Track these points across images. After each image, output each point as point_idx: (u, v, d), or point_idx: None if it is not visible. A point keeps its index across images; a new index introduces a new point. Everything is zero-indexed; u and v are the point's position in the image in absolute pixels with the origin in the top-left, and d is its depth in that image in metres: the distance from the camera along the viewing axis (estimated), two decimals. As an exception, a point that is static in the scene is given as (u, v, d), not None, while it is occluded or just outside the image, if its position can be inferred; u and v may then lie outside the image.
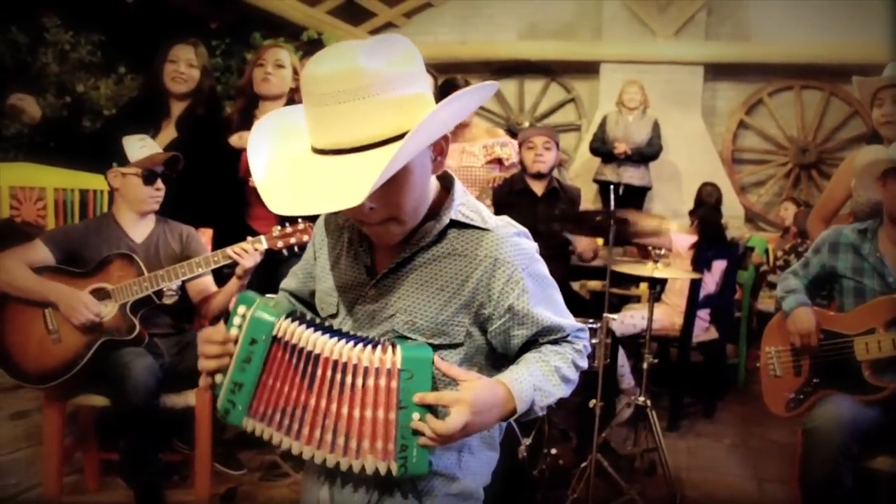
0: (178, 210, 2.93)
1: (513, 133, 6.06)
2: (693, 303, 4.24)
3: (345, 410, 1.20)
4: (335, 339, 1.22)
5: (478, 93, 1.25)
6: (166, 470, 3.01)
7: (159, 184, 2.79)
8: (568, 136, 7.93)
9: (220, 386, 1.26)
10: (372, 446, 1.19)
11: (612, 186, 3.76)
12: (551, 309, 1.35)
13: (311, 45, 6.95)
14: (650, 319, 3.42)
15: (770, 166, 7.40)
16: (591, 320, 3.14)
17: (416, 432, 1.17)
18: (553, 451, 3.21)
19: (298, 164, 1.18)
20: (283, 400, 1.23)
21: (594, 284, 5.55)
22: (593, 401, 3.05)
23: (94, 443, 3.04)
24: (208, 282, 2.88)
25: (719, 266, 4.43)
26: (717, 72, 7.32)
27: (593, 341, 3.08)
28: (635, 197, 6.37)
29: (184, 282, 2.79)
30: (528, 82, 8.08)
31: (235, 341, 1.24)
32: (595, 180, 6.53)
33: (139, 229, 2.84)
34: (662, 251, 3.42)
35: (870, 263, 2.60)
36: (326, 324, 1.31)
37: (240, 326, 1.25)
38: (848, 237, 2.69)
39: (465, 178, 4.31)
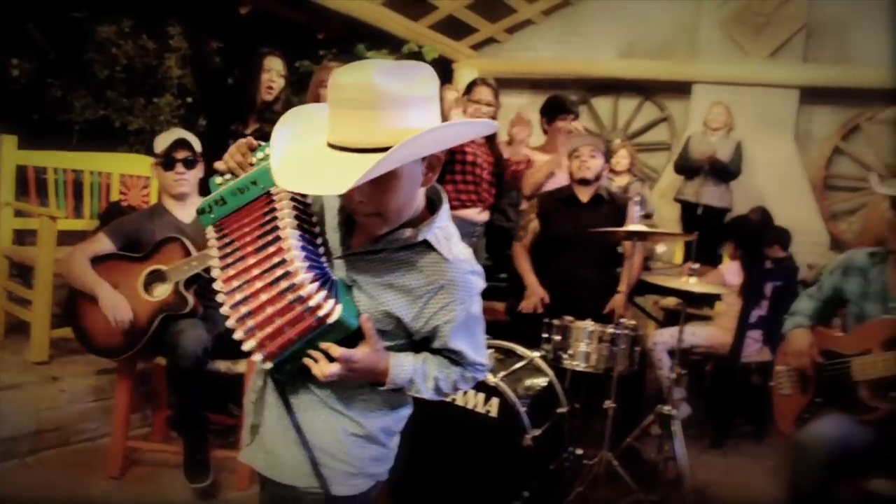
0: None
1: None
2: (743, 323, 4.30)
3: (263, 297, 1.40)
4: (303, 252, 1.41)
5: (471, 127, 1.52)
6: (222, 431, 3.40)
7: (179, 168, 3.16)
8: (658, 155, 7.98)
9: (216, 186, 1.52)
10: (265, 339, 1.41)
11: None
12: (467, 342, 1.58)
13: (411, 58, 7.32)
14: (681, 331, 3.55)
15: (864, 194, 7.15)
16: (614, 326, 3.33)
17: (298, 357, 1.43)
18: (579, 450, 3.41)
19: (312, 154, 1.39)
20: (237, 237, 1.47)
21: (667, 302, 5.65)
22: (608, 402, 3.21)
23: (163, 401, 3.48)
24: None
25: (771, 287, 4.46)
26: (814, 95, 7.16)
27: (622, 346, 3.29)
28: (715, 218, 6.36)
29: None
30: (623, 100, 8.17)
31: (251, 164, 1.51)
32: (676, 199, 6.57)
33: (187, 210, 3.22)
34: (697, 266, 3.52)
35: (874, 289, 2.66)
36: (318, 240, 1.51)
37: (261, 160, 1.50)
38: (859, 261, 2.75)
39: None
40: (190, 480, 3.03)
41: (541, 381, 3.25)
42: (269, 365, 1.43)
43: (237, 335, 1.42)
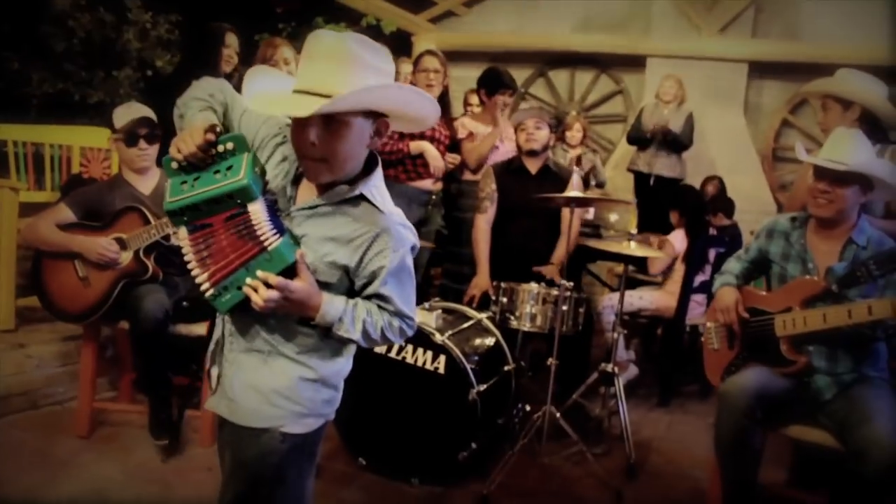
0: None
1: (559, 121, 6.39)
2: (687, 288, 4.52)
3: (224, 242, 1.55)
4: (268, 214, 1.55)
5: (419, 97, 1.64)
6: (185, 392, 3.53)
7: (142, 144, 3.27)
8: (614, 127, 8.18)
9: (177, 178, 1.58)
10: (214, 270, 1.55)
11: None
12: (397, 290, 1.71)
13: (370, 31, 7.41)
14: (622, 295, 3.75)
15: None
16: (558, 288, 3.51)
17: (238, 286, 1.55)
18: (527, 407, 3.61)
19: (281, 95, 1.61)
20: (208, 220, 1.57)
21: (622, 269, 5.85)
22: (550, 359, 3.40)
23: (128, 365, 3.61)
24: None
25: (715, 253, 4.68)
26: (764, 70, 7.40)
27: (564, 308, 3.46)
28: (668, 188, 6.53)
29: None
30: (580, 73, 8.33)
31: (213, 157, 1.58)
32: (629, 169, 6.76)
33: (146, 182, 3.35)
34: (635, 232, 3.71)
35: (795, 251, 2.86)
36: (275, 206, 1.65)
37: (223, 155, 1.58)
38: (782, 225, 2.95)
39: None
40: (155, 438, 3.18)
41: (488, 341, 3.43)
42: (211, 292, 1.56)
43: (194, 272, 1.56)
